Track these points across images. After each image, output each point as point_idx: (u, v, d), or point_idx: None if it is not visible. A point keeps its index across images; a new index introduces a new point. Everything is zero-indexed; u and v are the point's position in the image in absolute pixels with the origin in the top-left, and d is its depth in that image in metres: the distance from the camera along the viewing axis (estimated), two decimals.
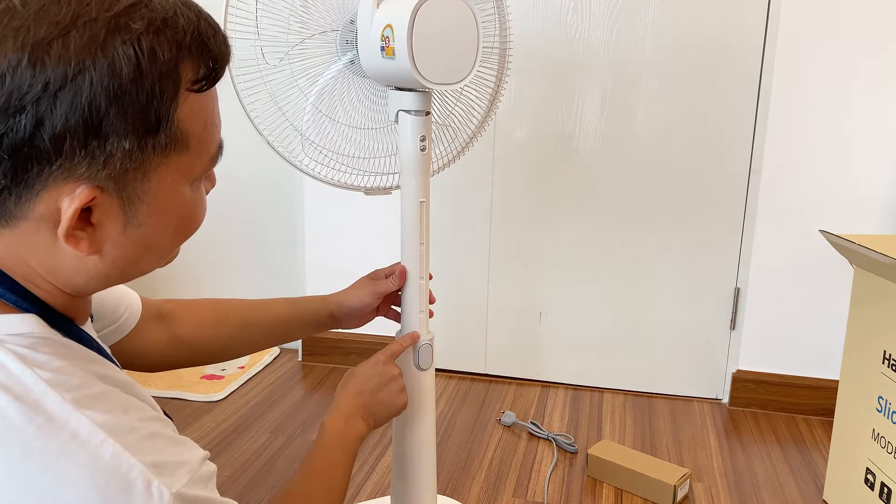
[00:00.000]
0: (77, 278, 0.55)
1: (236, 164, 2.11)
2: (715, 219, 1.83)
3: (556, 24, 1.80)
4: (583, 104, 1.83)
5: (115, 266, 0.55)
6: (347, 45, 1.07)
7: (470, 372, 2.04)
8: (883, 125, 1.66)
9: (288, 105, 1.08)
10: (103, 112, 0.48)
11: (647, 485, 1.45)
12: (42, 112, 0.47)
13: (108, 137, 0.49)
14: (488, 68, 1.18)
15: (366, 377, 1.00)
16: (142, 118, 0.50)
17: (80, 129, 0.48)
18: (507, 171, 1.90)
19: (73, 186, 0.49)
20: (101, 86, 0.48)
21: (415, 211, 1.09)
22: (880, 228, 1.71)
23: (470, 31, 1.01)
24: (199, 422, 1.73)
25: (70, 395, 0.49)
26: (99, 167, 0.49)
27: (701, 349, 1.90)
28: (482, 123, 1.22)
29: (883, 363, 1.28)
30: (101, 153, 0.49)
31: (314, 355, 2.09)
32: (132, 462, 0.48)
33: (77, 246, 0.52)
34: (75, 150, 0.48)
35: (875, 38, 1.63)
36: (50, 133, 0.47)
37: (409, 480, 1.18)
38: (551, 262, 1.93)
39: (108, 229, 0.53)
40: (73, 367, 0.51)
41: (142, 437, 0.51)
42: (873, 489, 1.30)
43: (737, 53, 1.74)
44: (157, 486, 0.49)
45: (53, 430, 0.48)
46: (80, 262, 0.54)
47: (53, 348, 0.52)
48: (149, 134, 0.51)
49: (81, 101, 0.47)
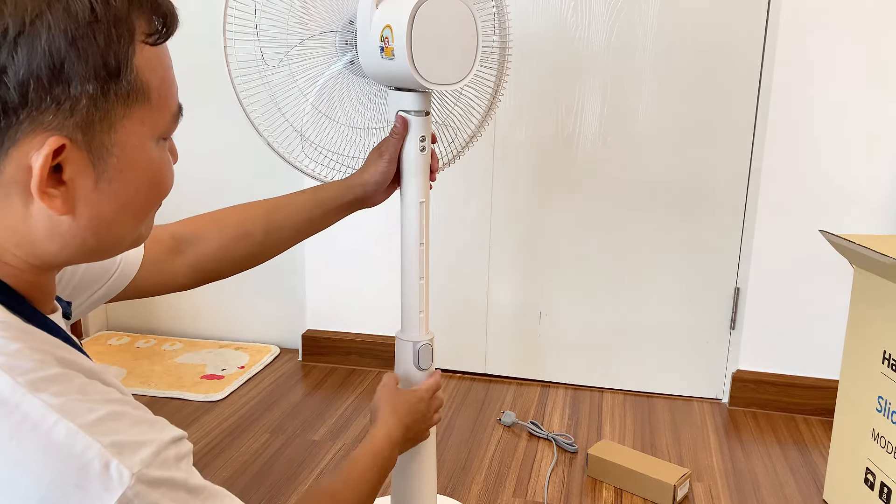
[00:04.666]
0: (50, 245, 0.54)
1: (236, 166, 2.12)
2: (715, 219, 1.83)
3: (556, 24, 1.80)
4: (583, 104, 1.83)
5: (88, 228, 0.55)
6: (347, 45, 1.07)
7: (470, 372, 2.04)
8: (883, 125, 1.66)
9: (287, 105, 1.08)
10: (63, 54, 0.49)
11: (647, 485, 1.45)
12: (4, 60, 0.48)
13: (70, 81, 0.50)
14: (487, 68, 1.18)
15: (414, 412, 1.07)
16: (102, 61, 0.51)
17: (44, 73, 0.49)
18: (507, 170, 1.90)
19: (41, 140, 0.50)
20: (59, 28, 0.49)
21: (415, 211, 1.09)
22: (880, 228, 1.71)
23: (469, 31, 1.01)
24: (199, 422, 1.73)
25: (24, 378, 0.48)
26: (66, 114, 0.50)
27: (701, 349, 1.90)
28: (482, 123, 1.22)
29: (883, 363, 1.28)
30: (66, 98, 0.50)
31: (314, 355, 2.09)
32: (88, 441, 0.47)
33: (51, 204, 0.52)
34: (41, 96, 0.49)
35: (875, 38, 1.63)
36: (14, 81, 0.48)
37: (409, 480, 1.18)
38: (551, 261, 1.93)
39: (80, 186, 0.53)
40: (29, 350, 0.50)
41: (100, 417, 0.49)
42: (873, 489, 1.30)
43: (737, 53, 1.74)
44: (116, 466, 0.47)
45: (5, 412, 0.47)
46: (53, 224, 0.53)
47: (10, 332, 0.51)
48: (110, 78, 0.52)
49: (41, 44, 0.48)
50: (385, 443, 0.99)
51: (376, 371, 2.04)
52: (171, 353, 2.11)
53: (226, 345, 2.17)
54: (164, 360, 2.06)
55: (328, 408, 1.82)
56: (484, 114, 1.21)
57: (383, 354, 2.04)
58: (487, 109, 1.21)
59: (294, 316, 2.16)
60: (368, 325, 2.06)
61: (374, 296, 2.03)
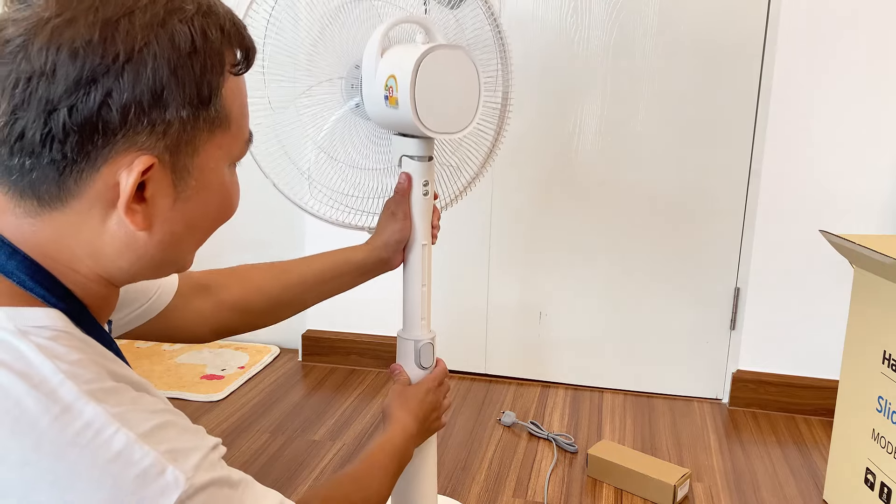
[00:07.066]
0: (121, 260, 0.57)
1: None
2: (715, 219, 1.83)
3: (556, 24, 1.80)
4: (583, 104, 1.83)
5: (160, 245, 0.58)
6: (353, 89, 1.07)
7: (470, 372, 2.04)
8: (883, 125, 1.66)
9: (294, 149, 1.09)
10: (165, 82, 0.53)
11: (647, 485, 1.45)
12: (111, 84, 0.51)
13: (168, 106, 0.53)
14: (487, 122, 1.19)
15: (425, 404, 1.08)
16: (197, 90, 0.54)
17: (146, 98, 0.52)
18: (507, 170, 1.90)
19: (131, 158, 0.53)
20: (163, 58, 0.52)
21: (418, 254, 1.10)
22: (880, 228, 1.71)
23: (471, 82, 1.02)
24: (199, 422, 1.73)
25: (86, 386, 0.50)
26: (158, 136, 0.53)
27: (701, 349, 1.90)
28: (479, 170, 1.23)
29: (883, 363, 1.28)
30: (161, 122, 0.53)
31: (314, 355, 2.09)
32: (145, 450, 0.50)
33: (133, 219, 0.54)
34: (139, 118, 0.52)
35: (875, 38, 1.63)
36: (118, 104, 0.51)
37: (409, 480, 1.18)
38: (551, 262, 1.93)
39: (160, 205, 0.56)
40: (88, 361, 0.53)
41: (153, 427, 0.52)
42: (873, 489, 1.30)
43: (737, 54, 1.74)
44: (172, 471, 0.50)
45: (68, 419, 0.49)
46: (128, 240, 0.56)
47: (72, 342, 0.53)
48: (202, 105, 0.55)
49: (147, 71, 0.52)
50: (401, 436, 1.00)
51: (376, 371, 2.04)
52: (171, 353, 2.11)
53: (226, 345, 2.17)
54: (164, 360, 2.06)
55: (328, 408, 1.82)
56: (482, 162, 1.22)
57: (383, 354, 2.04)
58: (485, 160, 1.22)
59: (294, 316, 2.16)
60: (368, 325, 2.06)
61: (374, 296, 2.03)
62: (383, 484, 0.93)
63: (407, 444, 1.01)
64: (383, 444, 0.97)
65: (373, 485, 0.91)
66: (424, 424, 1.07)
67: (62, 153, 0.52)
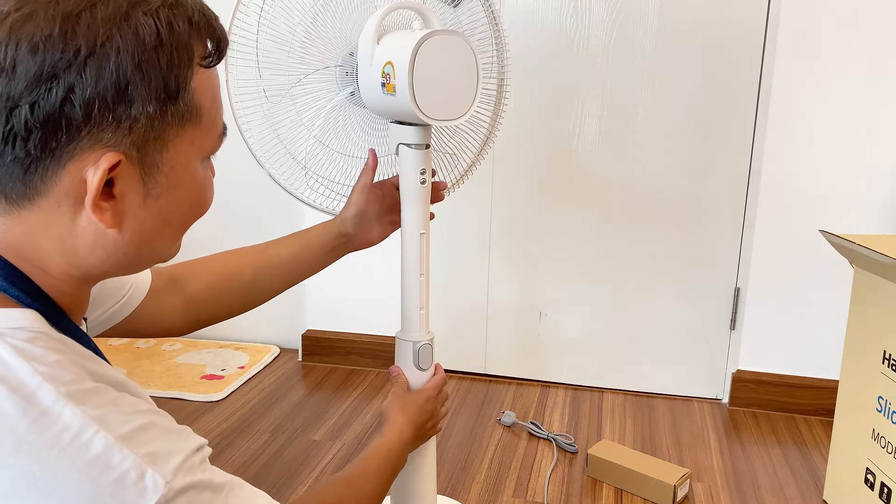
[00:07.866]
0: (92, 257, 0.56)
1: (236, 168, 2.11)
2: (715, 219, 1.83)
3: (556, 25, 1.80)
4: (583, 104, 1.83)
5: (132, 242, 0.57)
6: (347, 76, 1.07)
7: (470, 372, 2.04)
8: (883, 125, 1.66)
9: (289, 139, 1.09)
10: (129, 76, 0.51)
11: (647, 485, 1.45)
12: (73, 79, 0.50)
13: (133, 101, 0.52)
14: (484, 108, 1.18)
15: (423, 412, 1.10)
16: (163, 84, 0.53)
17: (109, 93, 0.51)
18: (507, 170, 1.90)
19: (97, 155, 0.52)
20: (127, 52, 0.51)
21: (415, 242, 1.10)
22: (880, 228, 1.71)
23: (469, 67, 1.01)
24: (199, 422, 1.73)
25: (65, 388, 0.50)
26: (124, 132, 0.52)
27: (701, 349, 1.90)
28: (477, 157, 1.22)
29: (883, 363, 1.28)
30: (127, 118, 0.52)
31: (314, 355, 2.09)
32: (125, 454, 0.49)
33: (101, 217, 0.53)
34: (104, 115, 0.51)
35: (875, 38, 1.63)
36: (80, 99, 0.50)
37: (408, 480, 1.18)
38: (551, 262, 1.93)
39: (129, 201, 0.55)
40: (67, 362, 0.52)
41: (134, 429, 0.51)
42: (873, 489, 1.30)
43: (737, 53, 1.74)
44: (151, 475, 0.49)
45: (47, 422, 0.48)
46: (98, 237, 0.55)
47: (50, 343, 0.52)
48: (169, 100, 0.54)
49: (110, 66, 0.51)
50: (397, 441, 1.01)
51: (376, 371, 2.04)
52: (171, 353, 2.11)
53: (226, 345, 2.17)
54: (164, 360, 2.06)
55: (328, 408, 1.82)
56: (479, 149, 1.22)
57: (383, 354, 2.04)
58: (481, 147, 1.22)
59: (294, 316, 2.16)
60: (368, 325, 2.06)
61: (374, 296, 2.03)
62: (376, 488, 0.93)
63: (402, 449, 1.02)
64: (379, 449, 0.98)
65: (366, 488, 0.91)
66: (421, 431, 1.08)
67: (25, 150, 0.51)
